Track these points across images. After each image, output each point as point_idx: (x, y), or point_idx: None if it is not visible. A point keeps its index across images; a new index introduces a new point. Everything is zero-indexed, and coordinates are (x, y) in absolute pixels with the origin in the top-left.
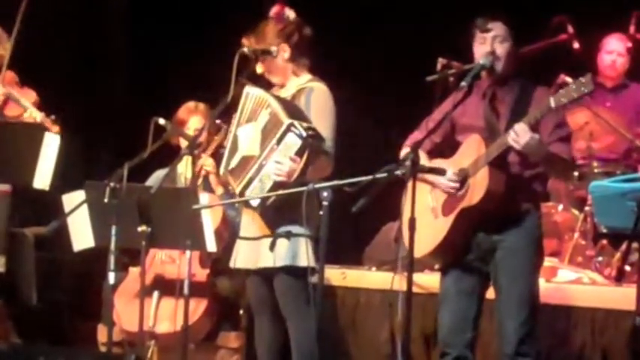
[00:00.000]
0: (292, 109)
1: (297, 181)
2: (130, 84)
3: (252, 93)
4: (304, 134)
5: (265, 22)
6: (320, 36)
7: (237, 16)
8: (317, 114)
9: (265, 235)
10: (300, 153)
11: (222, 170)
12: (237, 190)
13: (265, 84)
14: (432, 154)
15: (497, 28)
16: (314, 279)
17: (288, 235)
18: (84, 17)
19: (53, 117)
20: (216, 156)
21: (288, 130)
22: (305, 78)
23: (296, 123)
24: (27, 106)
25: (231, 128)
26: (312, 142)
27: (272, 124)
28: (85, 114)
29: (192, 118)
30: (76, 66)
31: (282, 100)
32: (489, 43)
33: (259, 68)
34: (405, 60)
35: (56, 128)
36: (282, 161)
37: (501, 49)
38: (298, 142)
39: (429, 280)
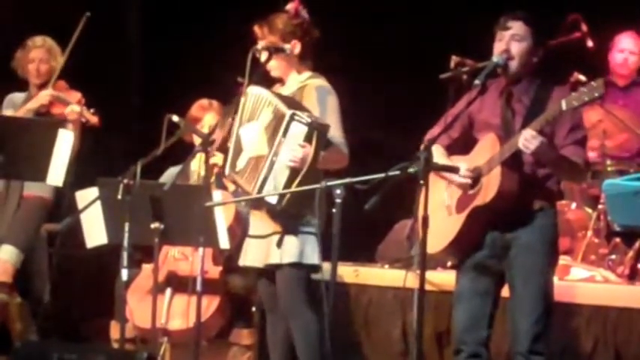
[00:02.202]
0: (293, 104)
1: (311, 168)
2: (143, 81)
3: (251, 92)
4: (308, 120)
5: (279, 14)
6: (333, 34)
7: (251, 15)
8: (322, 109)
9: (274, 232)
10: (308, 139)
11: (227, 171)
12: (254, 193)
13: (268, 80)
14: (451, 149)
15: (516, 27)
16: (320, 276)
17: (296, 232)
18: (98, 16)
19: (93, 110)
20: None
21: (291, 120)
22: (305, 75)
23: (298, 112)
24: (69, 102)
25: (232, 129)
26: (317, 127)
27: (276, 120)
28: (99, 111)
29: (207, 115)
30: (89, 63)
31: (282, 97)
32: (505, 42)
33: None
34: (418, 57)
35: (95, 119)
36: (293, 149)
37: (517, 49)
38: (304, 129)
39: (441, 278)
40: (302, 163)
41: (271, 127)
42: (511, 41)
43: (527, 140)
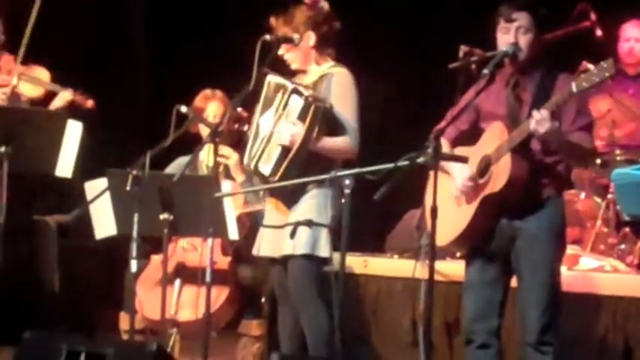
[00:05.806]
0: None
1: (304, 145)
2: (152, 72)
3: (270, 80)
4: (306, 94)
5: (298, 6)
6: (346, 26)
7: (260, 4)
8: (337, 96)
9: (288, 223)
10: (303, 116)
11: (245, 160)
12: (252, 165)
13: (287, 71)
14: (458, 141)
15: (521, 19)
16: (331, 268)
17: (309, 224)
18: (106, 6)
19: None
20: (238, 146)
21: (291, 93)
22: (327, 65)
23: (300, 88)
24: (55, 88)
25: (254, 118)
26: (312, 102)
27: (281, 96)
28: (108, 102)
29: (210, 104)
30: (98, 54)
31: (298, 84)
32: (513, 34)
33: (281, 50)
34: (427, 48)
35: (91, 102)
36: (284, 125)
37: (524, 40)
38: (301, 103)
39: (450, 268)
40: (292, 141)
41: (279, 108)
42: (518, 33)
43: (539, 123)
